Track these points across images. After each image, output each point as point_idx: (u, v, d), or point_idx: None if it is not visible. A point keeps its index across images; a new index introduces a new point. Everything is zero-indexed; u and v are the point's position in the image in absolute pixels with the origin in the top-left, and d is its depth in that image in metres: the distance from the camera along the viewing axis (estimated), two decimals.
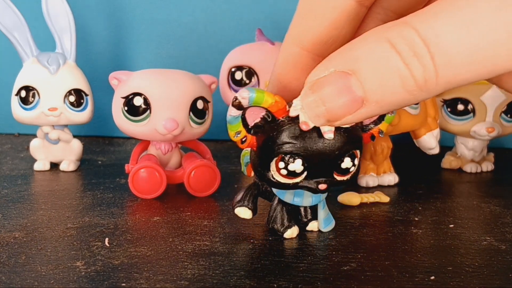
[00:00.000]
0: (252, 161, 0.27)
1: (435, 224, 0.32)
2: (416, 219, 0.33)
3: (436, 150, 0.43)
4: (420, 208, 0.36)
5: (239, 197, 0.31)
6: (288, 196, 0.29)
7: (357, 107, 0.19)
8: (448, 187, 0.44)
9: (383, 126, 0.28)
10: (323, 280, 0.24)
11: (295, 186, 0.26)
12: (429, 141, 0.42)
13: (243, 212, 0.30)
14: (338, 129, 0.24)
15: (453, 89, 0.25)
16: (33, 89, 0.45)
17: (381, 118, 0.27)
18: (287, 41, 0.23)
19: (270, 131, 0.25)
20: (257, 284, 0.23)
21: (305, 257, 0.27)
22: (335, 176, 0.26)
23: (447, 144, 0.50)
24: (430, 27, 0.17)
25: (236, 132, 0.26)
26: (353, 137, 0.26)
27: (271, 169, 0.26)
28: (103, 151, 0.57)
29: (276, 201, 0.30)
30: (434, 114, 0.42)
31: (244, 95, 0.24)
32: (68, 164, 0.47)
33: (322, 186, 0.26)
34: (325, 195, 0.30)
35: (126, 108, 0.38)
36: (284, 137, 0.25)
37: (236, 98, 0.24)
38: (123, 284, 0.23)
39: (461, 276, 0.25)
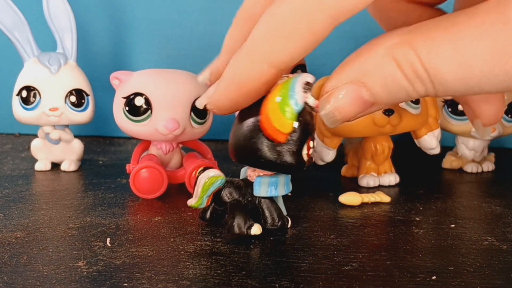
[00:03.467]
0: (275, 152, 0.26)
1: (436, 224, 0.32)
2: (417, 219, 0.33)
3: (437, 150, 0.43)
4: (421, 208, 0.36)
5: (238, 221, 0.29)
6: (281, 190, 0.29)
7: (368, 108, 0.22)
8: (449, 187, 0.44)
9: None
10: (324, 280, 0.24)
11: (303, 168, 0.28)
12: (430, 141, 0.42)
13: (256, 229, 0.29)
14: None
15: None
16: (34, 89, 0.45)
17: None
18: (255, 61, 0.23)
19: (307, 118, 0.27)
20: (258, 284, 0.24)
21: (306, 257, 0.27)
22: None
23: (448, 144, 0.50)
24: (430, 57, 0.19)
25: (294, 121, 0.26)
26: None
27: (303, 150, 0.27)
28: (104, 151, 0.57)
29: (259, 202, 0.30)
30: (435, 114, 0.42)
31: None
32: (69, 164, 0.47)
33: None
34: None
35: (127, 108, 0.38)
36: (311, 121, 0.27)
37: (308, 83, 0.25)
38: (125, 284, 0.23)
39: (463, 276, 0.25)
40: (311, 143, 0.27)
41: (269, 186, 0.29)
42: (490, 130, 0.26)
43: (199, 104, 0.29)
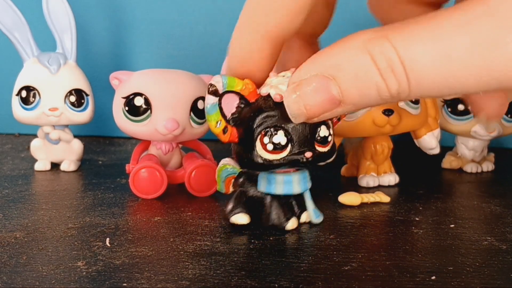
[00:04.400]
0: (237, 153, 0.28)
1: (435, 224, 0.32)
2: (417, 219, 0.33)
3: (436, 150, 0.43)
4: (420, 208, 0.36)
5: (229, 207, 0.31)
6: (278, 188, 0.30)
7: (334, 107, 0.21)
8: (449, 187, 0.44)
9: None
10: (324, 280, 0.24)
11: (282, 163, 0.27)
12: (430, 141, 0.42)
13: (241, 219, 0.31)
14: None
15: None
16: (34, 89, 0.45)
17: None
18: (246, 34, 0.24)
19: (248, 115, 0.27)
20: (258, 284, 0.23)
21: (306, 257, 0.27)
22: (317, 147, 0.28)
23: (447, 144, 0.50)
24: (408, 48, 0.19)
25: (216, 122, 0.27)
26: None
27: (256, 148, 0.27)
28: (104, 151, 0.57)
29: (268, 200, 0.30)
30: (435, 114, 0.42)
31: (217, 79, 0.26)
32: (68, 164, 0.47)
33: (308, 154, 0.27)
34: (310, 183, 0.31)
35: (126, 108, 0.38)
36: (262, 114, 0.26)
37: (211, 85, 0.26)
38: (124, 284, 0.23)
39: (462, 276, 0.25)
40: (264, 139, 0.27)
41: (267, 182, 0.30)
42: (496, 124, 0.26)
43: None
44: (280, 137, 0.27)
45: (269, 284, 0.23)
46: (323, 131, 0.27)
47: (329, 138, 0.28)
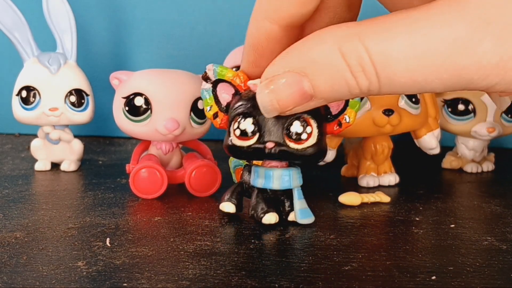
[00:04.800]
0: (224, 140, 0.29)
1: (436, 224, 0.32)
2: (417, 219, 0.33)
3: (436, 150, 0.43)
4: (421, 208, 0.36)
5: (225, 196, 0.33)
6: (259, 181, 0.30)
7: (306, 101, 0.22)
8: (449, 187, 0.44)
9: (349, 112, 0.29)
10: (324, 280, 0.24)
11: (249, 151, 0.28)
12: (430, 141, 0.42)
13: (227, 207, 0.32)
14: None
15: None
16: (34, 89, 0.45)
17: (345, 105, 0.29)
18: (259, 18, 0.24)
19: (233, 103, 0.28)
20: (258, 284, 0.23)
21: (306, 257, 0.27)
22: (287, 142, 0.28)
23: (447, 144, 0.50)
24: (379, 47, 0.19)
25: (208, 106, 0.29)
26: None
27: (230, 134, 0.28)
28: (104, 151, 0.57)
29: (255, 192, 0.31)
30: (435, 114, 0.42)
31: (209, 67, 0.29)
32: (69, 164, 0.47)
33: (269, 144, 0.27)
34: (297, 182, 0.31)
35: (127, 108, 0.38)
36: (239, 101, 0.28)
37: (205, 72, 0.29)
38: (125, 284, 0.23)
39: (462, 276, 0.25)
40: (234, 125, 0.28)
41: (253, 174, 0.31)
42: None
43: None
44: (247, 124, 0.27)
45: (269, 284, 0.23)
46: (295, 127, 0.27)
47: (304, 136, 0.27)
